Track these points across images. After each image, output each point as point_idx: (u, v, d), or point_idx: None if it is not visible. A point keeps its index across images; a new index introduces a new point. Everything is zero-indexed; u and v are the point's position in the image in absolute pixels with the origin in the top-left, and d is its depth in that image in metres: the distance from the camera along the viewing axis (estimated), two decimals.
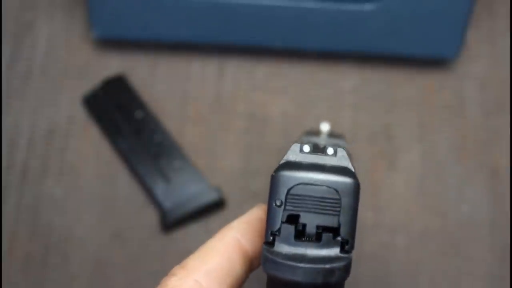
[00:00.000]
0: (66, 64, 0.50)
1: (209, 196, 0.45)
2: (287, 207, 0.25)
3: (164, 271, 0.44)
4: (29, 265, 0.45)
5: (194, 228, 0.45)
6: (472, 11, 0.46)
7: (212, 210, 0.46)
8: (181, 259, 0.45)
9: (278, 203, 0.25)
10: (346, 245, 0.24)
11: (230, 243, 0.27)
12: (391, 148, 0.47)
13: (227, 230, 0.27)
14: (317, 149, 0.26)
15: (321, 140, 0.33)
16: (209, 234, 0.45)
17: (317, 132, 0.39)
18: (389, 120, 0.48)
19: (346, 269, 0.24)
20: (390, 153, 0.47)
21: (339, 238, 0.24)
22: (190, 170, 0.46)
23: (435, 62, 0.49)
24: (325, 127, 0.39)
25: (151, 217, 0.46)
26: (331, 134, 0.38)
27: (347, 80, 0.49)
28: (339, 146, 0.26)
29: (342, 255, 0.24)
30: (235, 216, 0.45)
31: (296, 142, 0.26)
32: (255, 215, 0.28)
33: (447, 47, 0.47)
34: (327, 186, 0.24)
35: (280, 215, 0.25)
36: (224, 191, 0.46)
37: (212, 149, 0.48)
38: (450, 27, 0.46)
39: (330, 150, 0.25)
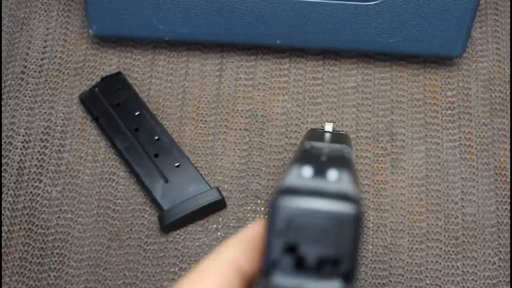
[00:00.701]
0: (63, 62, 0.50)
1: (209, 196, 0.45)
2: (286, 237, 0.23)
3: (163, 272, 0.44)
4: (25, 267, 0.44)
5: (193, 229, 0.45)
6: (477, 9, 0.45)
7: (212, 210, 0.45)
8: (181, 260, 0.44)
9: (277, 232, 0.23)
10: (348, 277, 0.23)
11: (226, 262, 0.25)
12: (394, 148, 0.47)
13: (223, 249, 0.26)
14: (318, 172, 0.24)
15: (324, 147, 0.32)
16: (209, 234, 0.45)
17: (319, 135, 0.38)
18: (392, 119, 0.48)
19: None
20: (393, 152, 0.47)
21: (340, 269, 0.23)
22: (189, 169, 0.46)
23: (439, 60, 0.49)
24: (328, 127, 0.38)
25: (149, 217, 0.45)
26: (334, 135, 0.37)
27: (350, 78, 0.49)
28: (343, 164, 0.24)
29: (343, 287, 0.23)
30: (235, 216, 0.45)
31: (296, 160, 0.25)
32: (254, 232, 0.26)
33: (452, 45, 0.47)
34: (328, 216, 0.23)
35: (279, 245, 0.23)
36: (224, 191, 0.46)
37: (212, 148, 0.47)
38: (455, 25, 0.46)
39: (332, 175, 0.24)
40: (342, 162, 0.25)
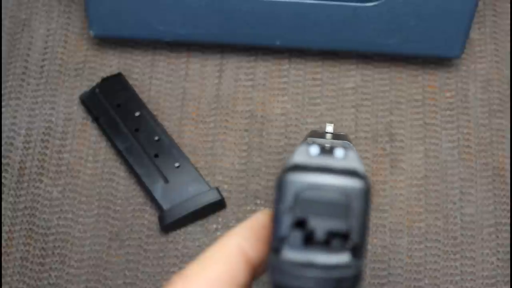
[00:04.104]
0: (64, 63, 0.50)
1: (209, 196, 0.45)
2: (294, 212, 0.23)
3: (163, 272, 0.44)
4: (26, 266, 0.44)
5: (193, 229, 0.45)
6: (475, 10, 0.45)
7: (212, 210, 0.45)
8: (181, 260, 0.44)
9: (285, 208, 0.23)
10: (357, 251, 0.23)
11: (232, 249, 0.25)
12: (393, 148, 0.47)
13: (229, 236, 0.26)
14: (325, 151, 0.25)
15: (326, 142, 0.33)
16: (209, 234, 0.45)
17: (321, 134, 0.38)
18: (391, 119, 0.48)
19: (358, 277, 0.23)
20: (392, 153, 0.47)
21: (349, 244, 0.23)
22: (189, 170, 0.46)
23: (438, 61, 0.49)
24: (329, 128, 0.38)
25: (150, 217, 0.45)
26: (335, 136, 0.38)
27: (349, 79, 0.49)
28: (348, 147, 0.25)
29: (353, 261, 0.23)
30: (235, 216, 0.45)
31: (303, 142, 0.25)
32: (259, 221, 0.27)
33: (450, 46, 0.47)
34: (336, 190, 0.23)
35: (288, 220, 0.23)
36: (224, 191, 0.46)
37: (212, 149, 0.47)
38: (454, 25, 0.46)
39: (339, 152, 0.24)
40: (346, 145, 0.26)
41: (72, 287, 0.44)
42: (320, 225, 0.23)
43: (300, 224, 0.23)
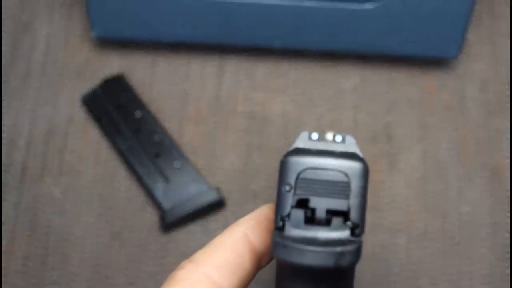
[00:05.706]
0: (65, 63, 0.50)
1: (209, 196, 0.45)
2: (296, 192, 0.25)
3: (164, 271, 0.44)
4: (28, 265, 0.44)
5: (193, 228, 0.45)
6: (473, 11, 0.46)
7: (212, 210, 0.45)
8: (181, 259, 0.45)
9: (287, 188, 0.25)
10: (356, 229, 0.25)
11: (239, 238, 0.27)
12: (391, 148, 0.47)
13: (236, 226, 0.27)
14: (325, 137, 0.26)
15: None
16: (209, 234, 0.45)
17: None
18: (389, 120, 0.48)
19: (357, 253, 0.24)
20: (390, 153, 0.47)
21: (349, 222, 0.25)
22: (189, 170, 0.46)
23: (435, 62, 0.49)
24: (329, 136, 0.39)
25: (150, 217, 0.46)
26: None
27: (348, 80, 0.49)
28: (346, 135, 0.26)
29: (352, 238, 0.24)
30: (235, 216, 0.45)
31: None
32: (263, 213, 0.28)
33: (447, 47, 0.47)
34: (337, 170, 0.25)
35: (290, 200, 0.25)
36: (224, 191, 0.46)
37: (212, 149, 0.47)
38: (451, 27, 0.46)
39: (338, 137, 0.26)
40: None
41: (73, 286, 0.44)
42: (320, 205, 0.25)
43: (302, 203, 0.25)
